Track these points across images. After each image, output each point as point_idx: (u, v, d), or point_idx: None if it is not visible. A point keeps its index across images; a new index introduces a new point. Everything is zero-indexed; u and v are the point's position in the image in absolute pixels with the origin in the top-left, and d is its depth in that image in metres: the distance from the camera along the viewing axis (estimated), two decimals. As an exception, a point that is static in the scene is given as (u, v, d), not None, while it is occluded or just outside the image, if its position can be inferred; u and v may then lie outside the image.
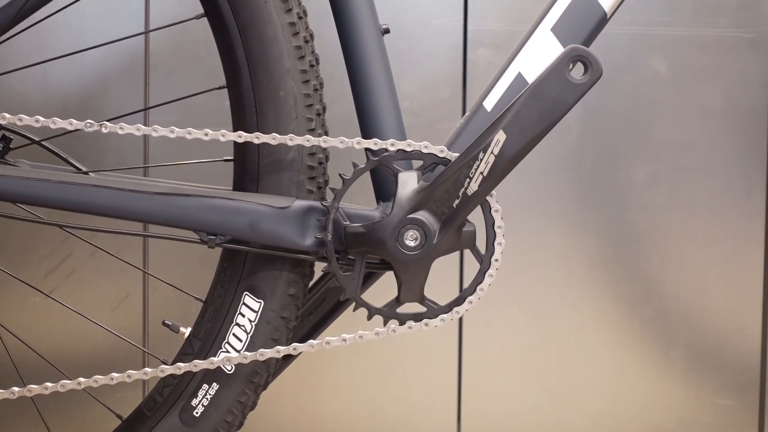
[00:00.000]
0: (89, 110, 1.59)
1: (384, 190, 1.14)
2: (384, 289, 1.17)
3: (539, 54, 1.13)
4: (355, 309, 1.13)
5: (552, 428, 1.68)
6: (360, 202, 1.14)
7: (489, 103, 1.14)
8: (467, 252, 1.15)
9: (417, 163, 1.13)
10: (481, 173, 1.09)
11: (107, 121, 1.11)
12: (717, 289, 1.68)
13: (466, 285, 1.58)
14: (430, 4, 1.62)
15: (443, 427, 1.68)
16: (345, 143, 1.10)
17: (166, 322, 1.19)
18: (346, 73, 1.15)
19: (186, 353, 1.15)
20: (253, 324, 1.13)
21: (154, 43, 1.59)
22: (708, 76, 1.65)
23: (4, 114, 1.08)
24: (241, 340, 1.13)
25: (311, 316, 1.23)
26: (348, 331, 1.14)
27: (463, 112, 1.62)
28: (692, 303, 1.68)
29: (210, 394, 1.13)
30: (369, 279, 1.18)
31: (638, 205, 1.66)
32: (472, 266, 1.15)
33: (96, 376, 1.11)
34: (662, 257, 1.67)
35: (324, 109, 1.14)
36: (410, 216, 1.10)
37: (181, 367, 1.11)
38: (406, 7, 1.61)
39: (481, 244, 1.13)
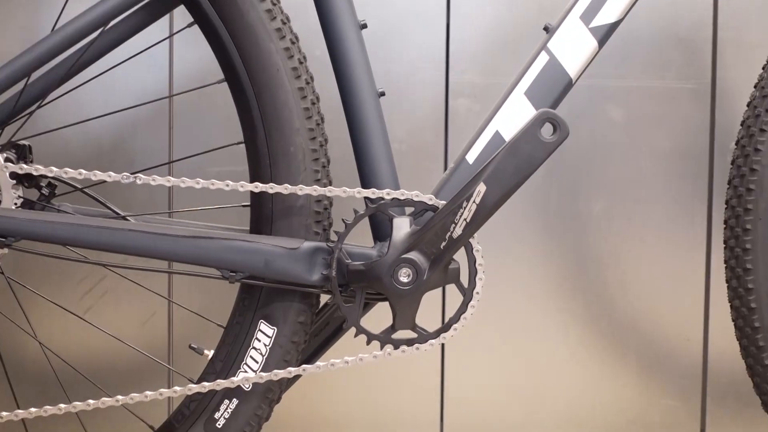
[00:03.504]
0: (121, 152, 1.59)
1: (381, 231, 1.15)
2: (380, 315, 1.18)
3: (514, 115, 1.14)
4: (356, 335, 1.14)
5: (522, 424, 1.69)
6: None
7: (471, 157, 1.15)
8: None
9: (409, 209, 1.14)
10: (465, 219, 1.10)
11: (140, 172, 1.13)
12: (664, 305, 1.69)
13: (448, 308, 1.61)
14: (416, 58, 1.63)
15: (425, 416, 1.69)
16: (347, 192, 1.11)
17: (192, 345, 1.19)
18: (338, 118, 1.17)
19: (210, 373, 1.16)
20: (268, 348, 1.13)
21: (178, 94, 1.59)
22: (656, 121, 1.66)
23: (52, 168, 1.10)
24: (257, 362, 1.13)
25: (316, 337, 1.23)
26: (348, 351, 1.15)
27: (445, 154, 1.63)
28: (643, 317, 1.69)
29: (231, 409, 1.14)
30: (366, 306, 1.18)
31: (596, 233, 1.67)
32: (454, 293, 1.16)
33: (132, 394, 1.12)
34: (617, 278, 1.68)
35: (328, 161, 1.15)
36: (404, 256, 1.11)
37: (206, 386, 1.12)
38: (396, 62, 1.62)
39: (463, 278, 1.14)
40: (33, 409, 1.11)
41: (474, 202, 1.10)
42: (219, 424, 1.14)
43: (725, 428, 1.71)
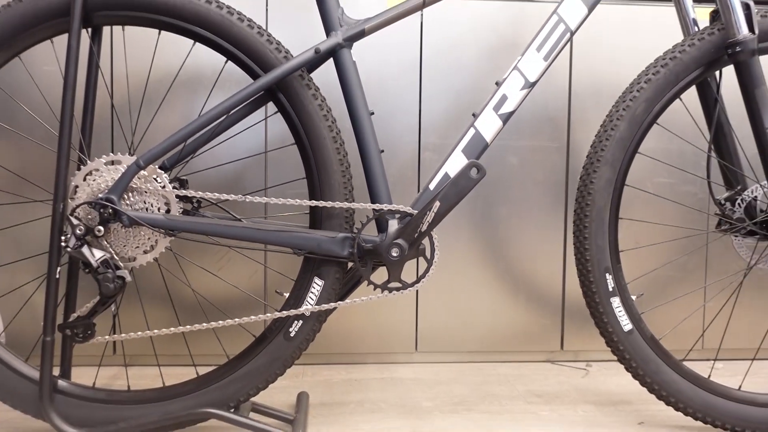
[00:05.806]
0: (237, 183, 1.58)
1: (381, 228, 1.15)
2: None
3: (456, 163, 1.14)
4: (367, 285, 1.14)
5: (461, 332, 1.69)
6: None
7: (432, 186, 1.15)
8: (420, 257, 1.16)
9: (398, 215, 1.13)
10: (428, 221, 1.10)
11: (248, 194, 1.13)
12: (541, 266, 1.68)
13: (420, 269, 1.60)
14: (402, 130, 1.62)
15: (407, 329, 1.69)
16: (363, 206, 1.11)
17: (277, 290, 1.19)
18: (357, 163, 1.15)
19: (287, 306, 1.16)
20: (319, 292, 1.14)
21: (269, 150, 1.59)
22: (536, 165, 1.65)
23: (199, 192, 1.10)
24: (313, 299, 1.14)
25: (345, 286, 1.21)
26: (364, 294, 1.16)
27: (418, 184, 1.62)
28: (529, 273, 1.68)
29: (298, 326, 1.14)
30: (373, 269, 1.16)
31: (503, 226, 1.66)
32: (422, 262, 1.15)
33: (243, 317, 1.12)
34: (515, 251, 1.67)
35: (352, 188, 1.15)
36: (394, 241, 1.11)
37: (284, 313, 1.13)
38: (390, 132, 1.61)
39: (428, 253, 1.14)
40: (188, 327, 1.12)
41: (433, 211, 1.10)
42: (291, 334, 1.15)
43: (576, 337, 1.71)
